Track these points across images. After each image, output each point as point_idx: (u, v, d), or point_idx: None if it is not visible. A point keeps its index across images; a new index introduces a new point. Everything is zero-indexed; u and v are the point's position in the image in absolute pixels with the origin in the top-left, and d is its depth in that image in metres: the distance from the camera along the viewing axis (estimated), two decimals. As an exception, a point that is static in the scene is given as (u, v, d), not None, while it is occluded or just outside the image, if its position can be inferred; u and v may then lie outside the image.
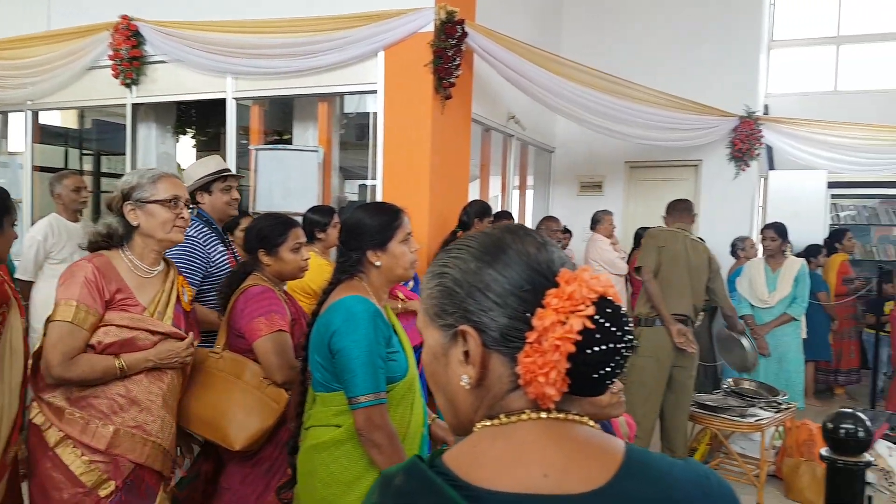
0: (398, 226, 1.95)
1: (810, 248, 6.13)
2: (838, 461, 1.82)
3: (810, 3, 7.86)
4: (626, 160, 6.99)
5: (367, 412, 1.75)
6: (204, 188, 2.83)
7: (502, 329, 0.75)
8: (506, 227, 0.83)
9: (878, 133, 6.54)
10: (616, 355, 0.73)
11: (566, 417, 0.75)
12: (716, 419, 4.00)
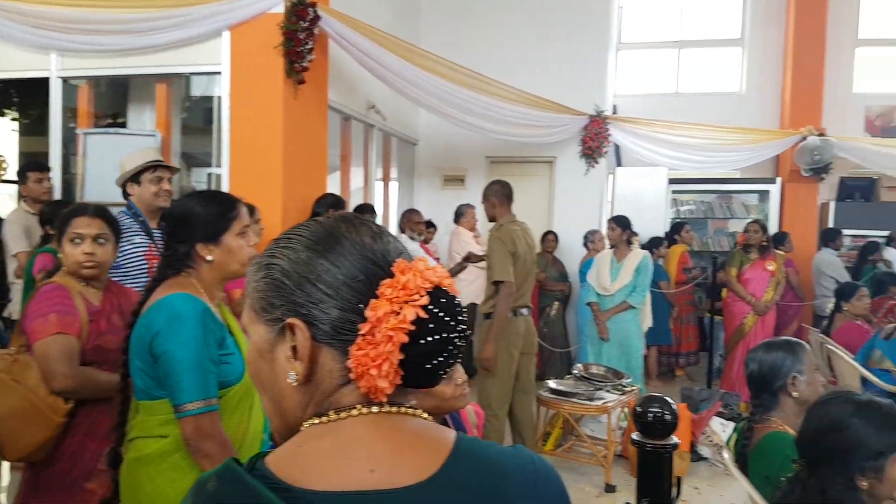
0: (233, 217, 1.81)
1: (653, 240, 6.58)
2: (647, 445, 1.88)
3: (655, 8, 8.43)
4: (487, 155, 7.12)
5: (195, 420, 1.62)
6: (133, 179, 2.82)
7: (334, 321, 0.72)
8: (340, 216, 0.80)
9: (715, 133, 7.15)
10: (449, 345, 0.72)
11: (398, 411, 0.74)
12: (566, 403, 4.16)
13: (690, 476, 4.13)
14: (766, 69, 7.84)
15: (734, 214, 7.74)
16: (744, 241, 5.76)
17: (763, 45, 7.85)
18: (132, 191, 2.84)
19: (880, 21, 7.71)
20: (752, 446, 2.15)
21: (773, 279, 5.57)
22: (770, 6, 7.79)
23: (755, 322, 5.63)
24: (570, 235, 6.76)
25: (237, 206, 1.84)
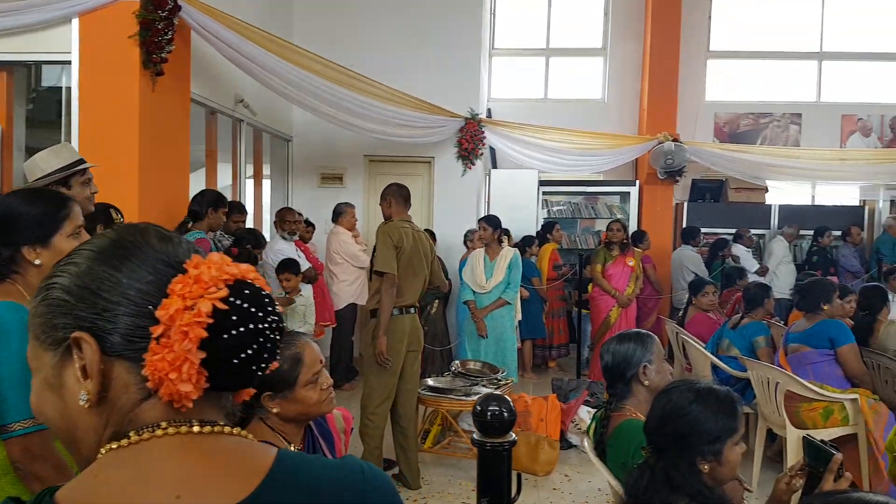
0: (64, 216, 1.65)
1: (525, 238, 6.83)
2: (486, 443, 1.90)
3: (525, 17, 8.74)
4: (365, 153, 7.07)
5: (23, 441, 1.47)
6: (62, 182, 2.49)
7: (124, 330, 0.66)
8: (127, 225, 0.75)
9: (580, 138, 7.51)
10: (259, 337, 0.68)
11: (210, 430, 0.68)
12: (444, 400, 4.21)
13: (561, 464, 4.30)
14: (626, 78, 8.38)
15: (599, 214, 8.19)
16: (606, 240, 6.10)
17: (623, 55, 8.38)
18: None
19: (730, 35, 8.45)
20: (609, 434, 2.27)
21: (633, 274, 5.95)
22: (629, 19, 8.33)
23: (619, 314, 5.99)
24: (449, 234, 6.86)
25: (69, 204, 1.68)
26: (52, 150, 2.60)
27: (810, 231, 7.52)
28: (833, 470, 1.57)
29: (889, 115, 8.24)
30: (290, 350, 1.76)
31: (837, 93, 8.36)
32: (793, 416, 3.80)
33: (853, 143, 8.27)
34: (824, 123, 8.27)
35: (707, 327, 5.09)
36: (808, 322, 4.01)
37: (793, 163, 7.78)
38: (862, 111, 8.27)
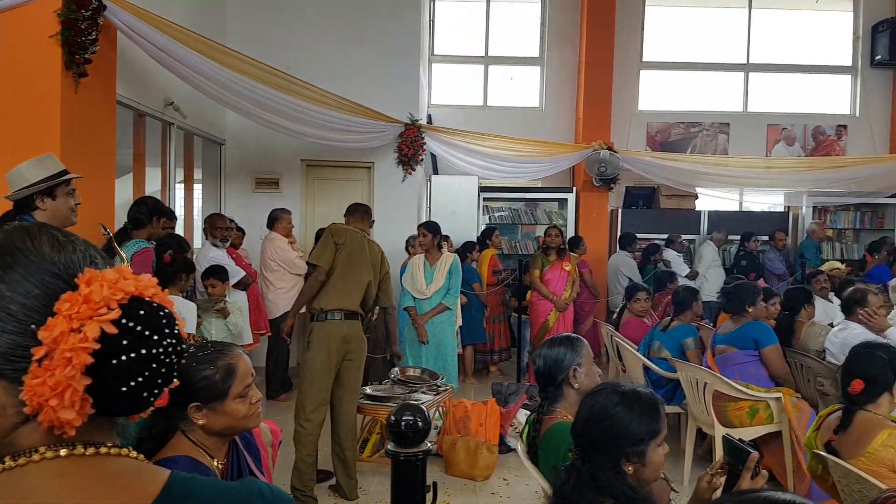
0: None
1: (466, 244, 6.86)
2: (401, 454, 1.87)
3: (464, 24, 8.81)
4: (303, 158, 6.97)
5: None
6: (47, 192, 2.50)
7: (3, 348, 0.61)
8: (19, 226, 0.69)
9: (519, 145, 7.61)
10: (152, 362, 0.63)
11: (95, 452, 0.64)
12: (382, 408, 4.17)
13: (500, 468, 4.33)
14: (563, 87, 8.56)
15: (538, 220, 8.32)
16: (544, 245, 6.20)
17: (559, 64, 8.55)
18: (43, 206, 2.50)
19: (662, 46, 8.73)
20: (541, 437, 2.29)
21: (569, 278, 6.05)
22: (565, 29, 8.51)
23: (557, 318, 6.08)
24: (391, 241, 6.81)
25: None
26: (36, 160, 2.57)
27: (738, 236, 7.83)
28: (750, 468, 1.62)
29: (812, 124, 8.68)
30: (224, 360, 1.72)
31: (763, 103, 8.75)
32: (720, 415, 3.94)
33: (778, 151, 8.67)
34: (751, 133, 8.64)
35: (640, 330, 5.23)
36: (734, 324, 4.17)
37: (721, 171, 8.09)
38: (786, 121, 8.68)
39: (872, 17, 8.46)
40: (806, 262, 7.51)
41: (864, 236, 8.41)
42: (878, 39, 8.36)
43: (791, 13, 8.76)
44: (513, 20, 8.81)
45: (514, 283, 7.25)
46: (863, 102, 8.58)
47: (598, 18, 8.10)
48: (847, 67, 8.71)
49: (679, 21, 8.76)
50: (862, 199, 8.21)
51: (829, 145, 8.65)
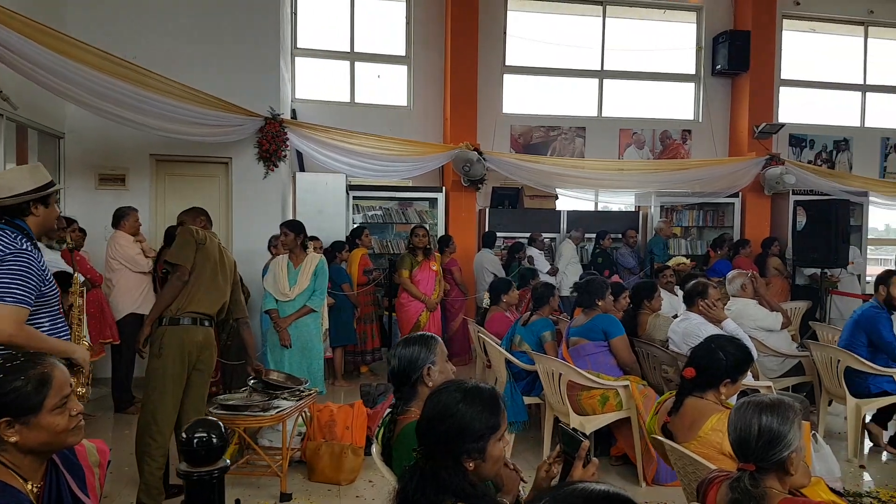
0: None
1: (335, 244, 6.71)
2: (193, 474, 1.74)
3: (329, 19, 8.63)
4: (152, 153, 6.50)
5: None
6: (42, 200, 2.60)
7: None
8: None
9: (387, 144, 7.57)
10: None
11: None
12: (239, 418, 3.95)
13: (366, 469, 4.26)
14: (430, 87, 8.62)
15: (410, 220, 8.32)
16: (411, 245, 6.19)
17: (425, 65, 8.60)
18: (37, 212, 2.59)
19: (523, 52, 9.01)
20: (395, 437, 2.25)
21: (437, 277, 6.09)
22: (430, 30, 8.57)
23: (429, 318, 6.10)
24: (252, 241, 6.54)
25: None
26: (27, 169, 2.67)
27: (594, 235, 8.27)
28: (581, 456, 1.67)
29: (659, 129, 9.34)
30: (36, 370, 1.56)
31: (616, 108, 9.30)
32: (575, 404, 4.11)
33: (629, 154, 9.25)
34: (605, 136, 9.16)
35: (504, 325, 5.36)
36: (586, 317, 4.37)
37: (579, 172, 8.51)
38: (636, 126, 9.28)
39: (713, 29, 9.25)
40: (655, 257, 8.06)
41: (707, 233, 9.17)
42: (718, 50, 9.15)
43: (641, 23, 9.38)
44: (378, 17, 8.75)
45: (385, 283, 7.20)
46: (705, 109, 9.36)
47: (461, 21, 8.24)
48: (691, 76, 9.46)
49: (539, 28, 9.10)
50: (704, 198, 8.94)
51: (676, 149, 9.35)
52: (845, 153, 9.65)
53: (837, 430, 5.02)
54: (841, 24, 9.68)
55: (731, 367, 2.54)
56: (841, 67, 9.73)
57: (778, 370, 5.25)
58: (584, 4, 9.14)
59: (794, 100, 9.63)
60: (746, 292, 5.33)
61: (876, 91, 9.82)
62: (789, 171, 8.58)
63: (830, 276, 7.73)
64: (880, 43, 9.81)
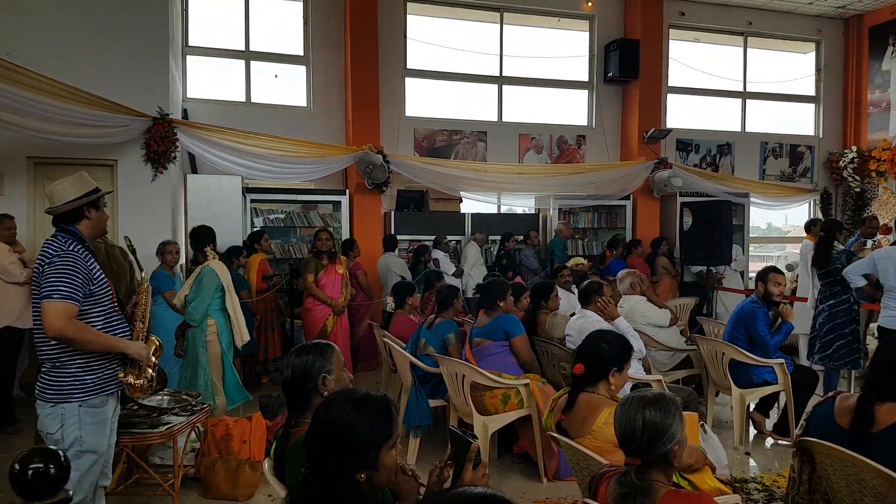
0: None
1: (231, 249, 6.43)
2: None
3: (222, 16, 8.30)
4: (29, 155, 6.01)
5: None
6: (93, 204, 2.83)
7: None
8: None
9: (286, 145, 7.36)
10: None
11: None
12: (125, 436, 3.70)
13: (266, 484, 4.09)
14: (330, 88, 8.46)
15: (312, 223, 8.13)
16: (315, 249, 6.05)
17: (325, 65, 8.45)
18: (90, 216, 2.81)
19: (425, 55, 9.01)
20: (288, 451, 2.16)
21: (343, 281, 5.98)
22: (329, 30, 8.42)
23: (335, 322, 5.97)
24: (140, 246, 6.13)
25: None
26: (75, 178, 2.82)
27: (499, 236, 8.41)
28: (471, 458, 1.66)
29: (556, 134, 9.61)
30: None
31: (515, 114, 9.50)
32: (478, 405, 4.14)
33: (529, 159, 9.46)
34: (506, 141, 9.33)
35: (409, 328, 5.33)
36: (489, 318, 4.42)
37: (481, 176, 8.63)
38: (535, 131, 9.51)
39: (605, 37, 9.62)
40: (555, 258, 8.29)
41: (602, 234, 9.54)
42: (610, 58, 9.53)
43: (537, 30, 9.63)
44: (275, 17, 8.51)
45: (287, 289, 6.98)
46: (598, 114, 9.72)
47: (361, 23, 8.14)
48: (585, 83, 9.81)
49: (440, 32, 9.15)
50: (599, 201, 9.28)
51: (571, 153, 9.67)
52: (728, 157, 10.32)
53: (725, 419, 5.32)
54: (722, 34, 10.34)
55: (615, 355, 2.65)
56: (723, 75, 10.39)
57: (668, 364, 5.52)
58: (482, 11, 9.28)
59: (681, 106, 10.19)
60: (636, 291, 5.57)
61: (755, 98, 10.56)
62: (676, 174, 9.06)
63: (716, 274, 8.22)
64: (759, 52, 10.57)
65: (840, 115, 10.77)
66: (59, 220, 2.76)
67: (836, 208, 10.65)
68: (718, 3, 9.95)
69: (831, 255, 5.54)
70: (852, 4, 9.97)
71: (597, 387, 2.61)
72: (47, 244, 2.69)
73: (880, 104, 10.19)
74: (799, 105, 10.84)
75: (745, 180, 9.97)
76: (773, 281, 4.85)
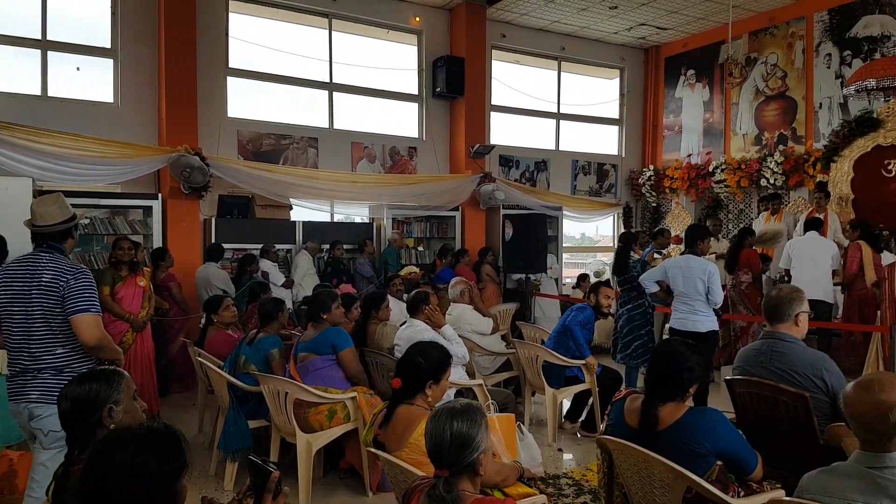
0: None
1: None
2: None
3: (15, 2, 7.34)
4: None
5: None
6: (76, 226, 3.12)
7: None
8: None
9: (89, 144, 6.66)
10: None
11: None
12: None
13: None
14: (141, 84, 7.79)
15: (118, 230, 7.38)
16: (114, 259, 5.49)
17: (136, 60, 7.77)
18: (74, 237, 3.10)
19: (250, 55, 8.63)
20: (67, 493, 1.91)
21: (146, 294, 5.50)
22: (140, 23, 7.76)
23: (134, 339, 5.45)
24: None
25: None
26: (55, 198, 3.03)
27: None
28: (270, 488, 1.58)
29: (389, 144, 9.67)
30: None
31: (348, 121, 9.42)
32: (302, 423, 4.00)
33: (362, 167, 9.42)
34: (338, 148, 9.21)
35: (227, 345, 5.02)
36: (315, 331, 4.29)
37: (313, 183, 8.44)
38: (367, 140, 9.50)
39: (433, 53, 9.86)
40: (389, 266, 8.33)
41: (434, 244, 9.75)
42: (437, 73, 9.78)
43: (367, 40, 9.64)
44: (77, 5, 7.68)
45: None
46: (428, 127, 9.94)
47: (176, 17, 7.61)
48: (415, 96, 9.99)
49: (266, 33, 8.83)
50: (430, 211, 9.49)
51: (404, 164, 9.79)
52: (544, 173, 11.04)
53: (542, 417, 5.64)
54: (540, 57, 11.06)
55: (431, 368, 2.69)
56: (541, 97, 11.12)
57: (491, 367, 5.75)
58: (311, 16, 9.10)
59: (504, 124, 10.75)
60: (464, 298, 5.76)
61: (567, 119, 11.41)
62: (500, 188, 9.52)
63: (534, 281, 8.74)
64: (572, 77, 11.44)
65: (640, 136, 11.99)
66: (47, 238, 2.95)
67: (637, 221, 11.83)
68: (535, 27, 10.63)
69: (628, 264, 6.13)
70: (651, 36, 11.16)
71: (415, 399, 2.62)
72: (57, 261, 2.90)
73: (674, 128, 11.49)
74: (605, 127, 11.90)
75: (558, 195, 10.73)
76: (604, 294, 5.40)
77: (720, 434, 2.42)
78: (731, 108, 10.44)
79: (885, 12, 8.47)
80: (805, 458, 2.48)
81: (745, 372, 3.17)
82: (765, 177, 9.47)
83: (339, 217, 9.58)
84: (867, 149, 7.64)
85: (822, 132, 8.98)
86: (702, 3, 9.52)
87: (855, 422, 1.91)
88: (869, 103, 8.07)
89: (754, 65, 10.07)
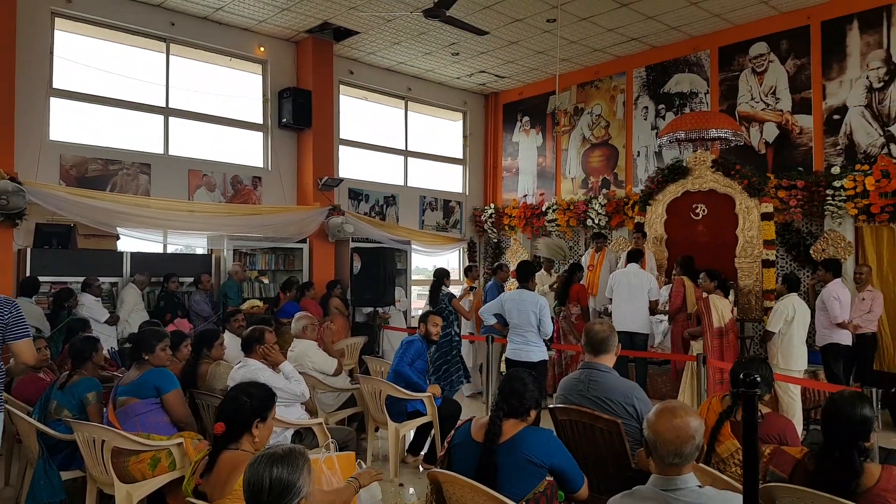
0: None
1: None
2: None
3: None
4: None
5: None
6: None
7: None
8: None
9: None
10: None
11: None
12: None
13: None
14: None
15: None
16: None
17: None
18: None
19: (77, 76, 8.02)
20: None
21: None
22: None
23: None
24: None
25: None
26: None
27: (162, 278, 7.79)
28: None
29: (230, 173, 9.34)
30: None
31: (185, 148, 8.98)
32: (121, 472, 3.70)
33: (200, 196, 9.00)
34: (173, 176, 8.74)
35: (37, 388, 4.54)
36: (137, 372, 4.01)
37: (144, 211, 7.93)
38: (207, 168, 9.11)
39: (279, 83, 9.73)
40: (229, 300, 7.98)
41: (280, 276, 9.48)
42: (283, 104, 9.66)
43: (208, 66, 9.33)
44: None
45: None
46: (273, 158, 9.75)
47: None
48: (259, 125, 9.77)
49: (100, 54, 8.27)
50: (276, 243, 9.25)
51: (247, 194, 9.50)
52: (393, 207, 11.23)
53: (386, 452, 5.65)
54: (387, 96, 11.32)
55: (257, 407, 2.63)
56: (390, 133, 11.36)
57: (334, 404, 5.68)
58: (148, 38, 8.66)
59: (353, 158, 10.82)
60: (307, 334, 5.65)
61: (415, 157, 11.73)
62: (348, 221, 9.54)
63: (382, 314, 8.80)
64: (419, 116, 11.81)
65: (482, 176, 12.60)
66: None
67: (480, 256, 12.36)
68: (383, 67, 10.89)
69: (439, 297, 6.60)
70: (490, 83, 11.85)
71: (240, 442, 2.54)
72: None
73: (512, 169, 12.21)
74: (451, 165, 12.39)
75: (407, 229, 10.96)
76: (432, 322, 5.62)
77: (553, 450, 2.72)
78: (562, 154, 11.33)
79: (693, 71, 9.68)
80: (620, 481, 2.74)
81: (565, 400, 3.44)
82: (590, 217, 10.34)
83: (175, 248, 9.06)
84: (678, 194, 8.57)
85: (640, 178, 10.00)
86: (535, 56, 10.30)
87: (662, 447, 1.96)
88: (679, 153, 9.11)
89: (581, 114, 11.04)
